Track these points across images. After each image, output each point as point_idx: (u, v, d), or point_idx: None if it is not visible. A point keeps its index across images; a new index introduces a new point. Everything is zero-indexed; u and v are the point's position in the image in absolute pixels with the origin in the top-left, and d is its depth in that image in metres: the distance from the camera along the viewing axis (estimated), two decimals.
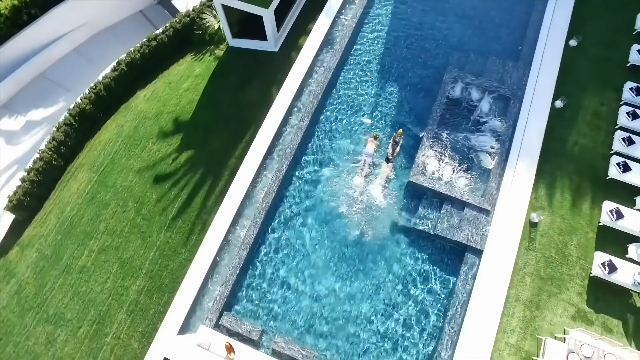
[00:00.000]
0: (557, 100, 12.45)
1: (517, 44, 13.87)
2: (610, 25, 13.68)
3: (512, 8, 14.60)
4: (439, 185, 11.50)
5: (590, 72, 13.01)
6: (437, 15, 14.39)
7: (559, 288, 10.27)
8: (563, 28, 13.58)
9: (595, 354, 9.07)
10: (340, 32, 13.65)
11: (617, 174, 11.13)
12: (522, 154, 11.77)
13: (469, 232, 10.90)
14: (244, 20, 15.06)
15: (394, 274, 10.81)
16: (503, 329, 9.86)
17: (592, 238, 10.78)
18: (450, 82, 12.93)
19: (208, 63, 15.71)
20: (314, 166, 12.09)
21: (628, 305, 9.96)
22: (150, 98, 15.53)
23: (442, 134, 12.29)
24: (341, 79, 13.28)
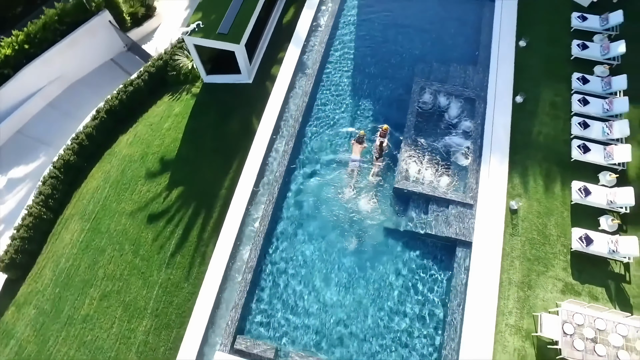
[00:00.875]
0: (517, 96, 13.90)
1: (474, 50, 15.42)
2: (551, 25, 15.48)
3: (464, 18, 16.26)
4: (423, 188, 12.55)
5: (541, 68, 14.60)
6: (398, 31, 15.86)
7: (546, 266, 11.32)
8: (511, 31, 15.26)
9: (586, 320, 10.05)
10: (311, 57, 14.86)
11: (579, 155, 12.49)
12: (494, 148, 13.03)
13: (457, 226, 11.92)
14: (216, 57, 16.13)
15: (393, 277, 11.62)
16: (501, 312, 10.75)
17: (567, 216, 11.96)
18: (418, 91, 14.24)
19: (186, 101, 16.59)
20: (304, 184, 12.96)
21: (608, 273, 11.08)
22: (133, 142, 16.19)
23: (418, 140, 13.46)
24: (318, 100, 14.39)
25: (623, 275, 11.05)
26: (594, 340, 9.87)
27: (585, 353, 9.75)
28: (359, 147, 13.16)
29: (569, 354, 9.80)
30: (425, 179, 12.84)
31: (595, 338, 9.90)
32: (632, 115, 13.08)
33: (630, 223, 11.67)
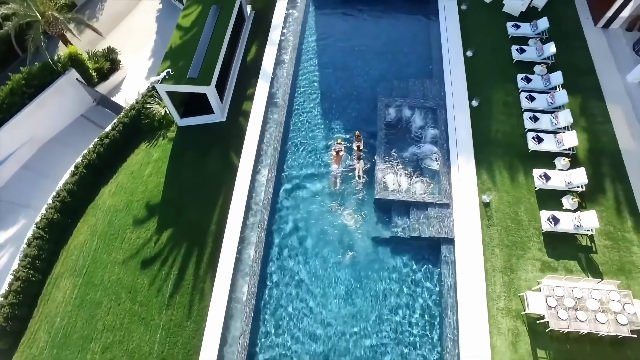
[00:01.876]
0: (472, 101, 15.61)
1: (428, 64, 17.24)
2: (491, 35, 17.58)
3: (414, 37, 18.18)
4: (402, 195, 13.81)
5: (489, 73, 16.48)
6: (357, 56, 17.51)
7: (523, 249, 12.63)
8: (458, 44, 17.21)
9: (565, 292, 11.30)
10: (280, 89, 16.19)
11: (535, 145, 14.17)
12: (460, 150, 14.53)
13: (438, 226, 13.16)
14: (188, 100, 17.18)
15: (387, 282, 12.61)
16: (491, 298, 11.87)
17: (534, 202, 13.44)
18: (384, 107, 15.75)
19: (163, 146, 17.42)
20: (292, 206, 13.98)
21: (577, 247, 12.52)
22: (115, 192, 16.77)
23: (391, 152, 14.82)
24: (293, 127, 15.64)
25: (589, 246, 12.52)
26: (574, 308, 11.10)
27: (570, 321, 10.94)
28: (339, 157, 14.57)
29: (555, 324, 10.97)
30: (403, 186, 14.12)
31: (576, 306, 11.13)
32: (572, 105, 15.03)
33: (587, 200, 13.29)
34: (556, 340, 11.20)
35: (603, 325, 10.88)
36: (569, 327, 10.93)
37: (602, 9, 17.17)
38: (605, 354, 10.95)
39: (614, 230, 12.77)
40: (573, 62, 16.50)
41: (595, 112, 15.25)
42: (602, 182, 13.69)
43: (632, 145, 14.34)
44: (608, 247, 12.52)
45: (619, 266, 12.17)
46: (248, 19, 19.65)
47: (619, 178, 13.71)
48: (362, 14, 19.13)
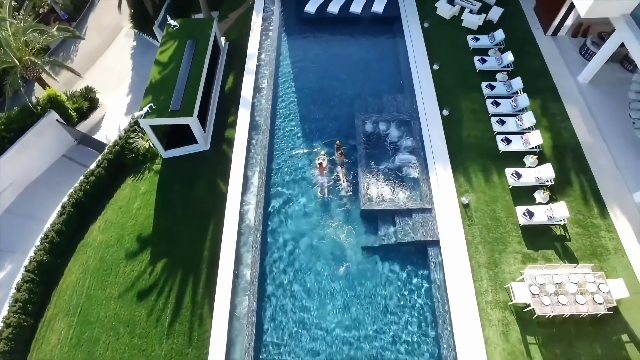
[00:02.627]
0: (443, 110, 16.84)
1: (398, 80, 18.51)
2: (454, 48, 19.07)
3: (383, 55, 19.53)
4: (386, 204, 14.70)
5: (456, 84, 17.83)
6: (331, 77, 18.65)
7: (504, 244, 13.60)
8: (424, 59, 18.60)
9: (546, 279, 12.26)
10: (262, 115, 17.06)
11: (504, 147, 15.39)
12: (436, 157, 15.61)
13: (423, 230, 14.05)
14: (171, 132, 17.83)
15: (381, 288, 13.32)
16: (479, 293, 12.70)
17: (509, 199, 14.53)
18: (361, 124, 16.79)
19: (150, 179, 17.91)
20: (284, 225, 14.66)
21: (552, 236, 13.60)
22: (105, 228, 17.07)
23: (372, 165, 15.77)
24: (276, 149, 16.44)
25: (563, 235, 13.62)
26: (555, 293, 12.05)
27: (553, 306, 11.86)
28: (322, 168, 15.54)
29: (540, 310, 11.86)
30: (386, 196, 15.03)
31: (557, 291, 12.08)
32: (533, 106, 16.45)
33: (557, 192, 14.49)
34: (543, 326, 12.08)
35: (582, 306, 11.85)
36: (553, 312, 11.85)
37: (548, 19, 18.99)
38: (587, 332, 11.88)
39: (583, 218, 13.95)
40: (530, 68, 18.06)
41: (555, 112, 16.71)
42: (568, 175, 14.96)
43: (589, 139, 15.76)
44: (580, 234, 13.66)
45: (591, 250, 13.30)
46: (223, 50, 20.69)
47: (582, 169, 15.03)
48: (332, 37, 20.44)
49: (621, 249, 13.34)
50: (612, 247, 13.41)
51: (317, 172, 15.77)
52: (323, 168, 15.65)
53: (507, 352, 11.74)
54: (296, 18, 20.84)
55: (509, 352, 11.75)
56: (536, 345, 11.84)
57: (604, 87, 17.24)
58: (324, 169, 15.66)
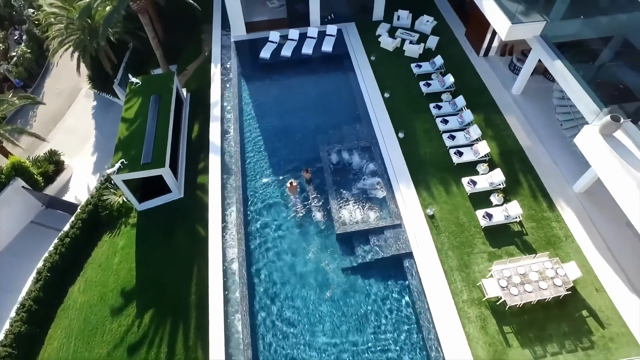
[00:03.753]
0: (399, 133, 18.59)
1: (355, 110, 20.24)
2: (400, 76, 21.19)
3: (338, 90, 21.32)
4: (359, 226, 15.93)
5: (407, 108, 19.76)
6: (292, 115, 20.10)
7: (470, 247, 15.05)
8: (376, 89, 20.54)
9: (511, 272, 13.71)
10: (232, 158, 18.13)
11: (458, 159, 17.19)
12: (398, 177, 17.14)
13: (395, 245, 15.32)
14: (143, 185, 18.52)
15: (366, 304, 14.29)
16: (455, 293, 13.95)
17: (469, 205, 16.15)
18: (326, 155, 18.20)
19: (127, 233, 18.37)
20: (267, 256, 15.50)
21: (511, 233, 15.24)
22: (86, 288, 17.22)
23: (341, 191, 17.07)
24: (250, 189, 17.42)
25: (521, 230, 15.29)
26: (521, 283, 13.50)
27: (521, 295, 13.26)
28: (293, 187, 16.90)
29: (510, 301, 13.22)
30: (358, 218, 16.28)
31: (522, 281, 13.54)
32: (477, 120, 18.56)
33: (509, 193, 16.28)
34: (515, 315, 13.41)
35: (546, 291, 13.33)
36: (522, 300, 13.24)
37: (478, 43, 21.67)
38: (554, 313, 13.32)
39: (535, 213, 15.74)
40: (470, 86, 20.36)
41: (497, 122, 18.87)
42: (516, 176, 16.86)
43: (529, 143, 17.91)
44: (534, 227, 15.38)
45: (546, 240, 14.99)
46: (185, 101, 21.91)
47: (527, 170, 17.00)
48: (289, 78, 22.14)
49: (570, 235, 15.13)
50: (562, 235, 15.18)
51: (287, 190, 17.15)
52: (294, 187, 16.94)
53: (488, 345, 12.93)
54: (253, 64, 22.50)
55: (490, 344, 12.94)
56: (512, 333, 13.11)
57: (534, 97, 19.72)
58: (294, 188, 16.97)
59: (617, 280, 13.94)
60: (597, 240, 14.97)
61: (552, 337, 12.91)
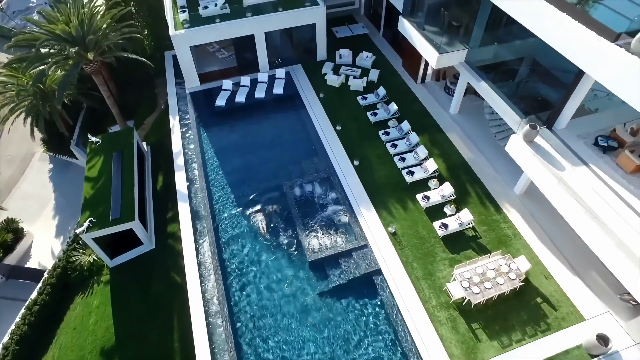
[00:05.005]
0: (354, 161, 20.23)
1: (311, 145, 21.79)
2: (349, 109, 23.11)
3: (293, 128, 22.91)
4: (329, 251, 17.09)
5: (359, 137, 21.56)
6: (253, 156, 21.31)
7: (433, 256, 16.54)
8: (328, 124, 22.28)
9: (471, 273, 15.24)
10: (200, 203, 18.98)
11: (410, 178, 18.97)
12: (359, 201, 18.61)
13: (364, 264, 16.56)
14: (114, 240, 18.87)
15: (345, 323, 15.26)
16: (424, 301, 15.23)
17: (426, 219, 17.77)
18: (289, 189, 19.46)
19: (101, 291, 18.47)
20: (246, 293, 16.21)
21: (467, 238, 16.94)
22: (61, 355, 17.09)
23: (307, 222, 18.26)
24: (221, 231, 18.23)
25: (475, 235, 17.03)
26: (481, 282, 15.03)
27: (482, 292, 14.75)
28: (262, 220, 18.36)
29: (474, 299, 14.67)
30: (327, 244, 17.45)
31: (481, 280, 15.08)
32: (423, 140, 20.60)
33: (460, 203, 18.11)
34: (480, 311, 14.84)
35: (503, 285, 14.92)
36: (484, 297, 14.73)
37: (414, 72, 24.23)
38: (513, 304, 14.88)
39: (485, 217, 17.59)
40: (412, 111, 22.58)
41: (441, 141, 21.00)
42: (464, 187, 18.80)
43: (471, 155, 20.10)
44: (486, 230, 17.17)
45: (498, 240, 16.78)
46: (147, 154, 22.67)
47: (473, 180, 19.03)
48: (246, 121, 23.49)
49: (518, 233, 17.02)
50: (511, 233, 17.04)
51: (256, 223, 18.39)
52: (262, 220, 18.36)
53: (461, 342, 14.19)
54: (210, 112, 23.74)
55: (462, 342, 14.21)
56: (480, 328, 14.48)
57: (469, 114, 22.18)
58: (263, 220, 18.36)
59: (561, 267, 15.83)
60: (540, 234, 16.94)
61: (515, 326, 14.40)
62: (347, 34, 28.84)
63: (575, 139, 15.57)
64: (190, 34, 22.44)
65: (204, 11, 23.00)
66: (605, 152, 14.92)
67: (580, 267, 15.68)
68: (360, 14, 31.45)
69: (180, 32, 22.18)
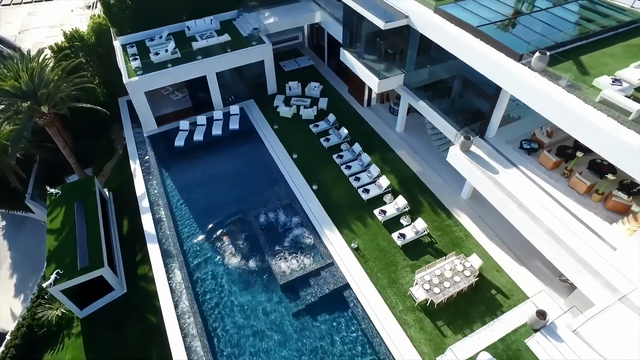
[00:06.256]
0: (313, 186, 21.54)
1: (270, 175, 22.95)
2: (303, 137, 24.56)
3: (252, 161, 24.00)
4: (298, 273, 18.07)
5: (315, 163, 22.97)
6: (217, 191, 22.14)
7: (395, 265, 17.91)
8: (285, 154, 23.58)
9: (430, 276, 16.68)
10: (169, 242, 19.47)
11: (366, 196, 20.50)
12: (321, 223, 19.83)
13: (332, 280, 17.67)
14: (83, 290, 18.86)
15: (321, 339, 16.16)
16: (391, 307, 16.47)
17: (385, 232, 19.23)
18: (254, 219, 20.40)
19: (73, 344, 18.34)
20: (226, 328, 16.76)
21: (423, 245, 18.53)
22: None
23: (275, 247, 19.23)
24: (192, 266, 18.79)
25: (431, 240, 18.65)
26: (440, 282, 16.48)
27: (442, 292, 16.18)
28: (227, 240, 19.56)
29: (436, 299, 16.06)
30: (296, 266, 18.44)
31: (441, 281, 16.54)
32: (375, 160, 22.35)
33: (415, 213, 19.79)
34: (443, 309, 16.24)
35: (460, 283, 16.46)
36: (444, 296, 16.16)
37: (360, 97, 26.32)
38: (472, 299, 16.44)
39: (438, 224, 19.30)
40: (362, 133, 24.39)
41: (390, 158, 22.83)
42: (417, 198, 20.54)
43: (420, 168, 22.02)
44: (440, 235, 18.84)
45: (452, 243, 18.48)
46: (109, 200, 22.93)
47: (424, 190, 20.85)
48: (205, 159, 24.34)
49: (469, 234, 18.81)
50: (463, 235, 18.80)
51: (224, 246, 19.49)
52: (227, 239, 19.71)
53: (429, 340, 15.45)
54: (170, 153, 24.42)
55: (430, 339, 15.48)
56: (445, 325, 15.84)
57: (414, 131, 24.29)
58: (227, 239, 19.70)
59: (509, 260, 17.67)
60: (488, 233, 18.80)
61: (475, 318, 15.88)
62: (295, 67, 30.78)
63: (504, 145, 17.77)
64: (144, 80, 23.35)
65: (156, 57, 24.05)
66: (530, 154, 17.17)
67: (525, 258, 17.58)
68: (305, 47, 33.63)
69: (134, 79, 23.06)
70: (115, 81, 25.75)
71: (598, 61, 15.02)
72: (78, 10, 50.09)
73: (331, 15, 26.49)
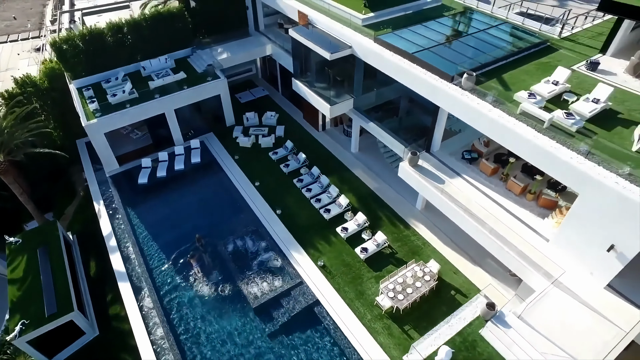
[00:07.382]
0: (276, 211, 22.43)
1: (235, 204, 23.66)
2: (263, 165, 25.53)
3: (216, 192, 24.63)
4: (269, 295, 18.75)
5: (277, 189, 23.91)
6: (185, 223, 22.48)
7: (360, 278, 18.97)
8: (247, 181, 24.44)
9: (394, 284, 17.84)
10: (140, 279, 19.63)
11: (328, 215, 21.64)
12: (287, 245, 20.69)
13: (303, 298, 18.47)
14: (51, 337, 18.52)
15: (297, 355, 16.79)
16: (361, 317, 17.43)
17: (348, 247, 20.34)
18: (222, 247, 20.98)
19: None
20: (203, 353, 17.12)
21: (385, 256, 19.78)
22: None
23: (245, 272, 19.86)
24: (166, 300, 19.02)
25: (391, 252, 19.93)
26: (403, 289, 17.66)
27: (406, 298, 17.35)
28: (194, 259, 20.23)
29: (401, 305, 17.19)
30: (266, 289, 19.10)
31: (404, 288, 17.72)
32: (333, 180, 23.69)
33: (374, 227, 21.09)
34: (409, 314, 17.39)
35: (422, 288, 17.71)
36: (408, 302, 17.33)
37: (315, 122, 27.84)
38: (434, 302, 17.73)
39: (397, 235, 20.65)
40: (319, 156, 25.72)
41: (348, 177, 24.20)
42: (375, 213, 21.89)
43: (376, 185, 23.52)
44: (400, 245, 20.17)
45: (412, 251, 19.85)
46: (73, 243, 22.75)
47: (381, 205, 22.27)
48: (169, 193, 24.68)
49: (426, 241, 20.27)
50: (421, 243, 20.21)
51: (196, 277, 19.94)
52: (194, 259, 20.44)
53: (398, 344, 16.48)
54: (134, 191, 24.62)
55: (399, 344, 16.51)
56: (412, 329, 16.96)
57: (368, 150, 25.91)
58: (194, 260, 20.45)
59: (465, 262, 19.21)
60: (444, 239, 20.34)
61: (438, 319, 16.91)
62: (250, 98, 32.01)
63: (448, 157, 19.53)
64: (103, 122, 23.70)
65: (113, 99, 24.50)
66: (471, 163, 18.97)
67: (479, 258, 19.16)
68: (259, 78, 35.02)
69: (93, 121, 23.37)
70: (72, 123, 25.88)
71: (517, 78, 17.17)
72: (25, 54, 49.30)
73: (281, 47, 28.10)
